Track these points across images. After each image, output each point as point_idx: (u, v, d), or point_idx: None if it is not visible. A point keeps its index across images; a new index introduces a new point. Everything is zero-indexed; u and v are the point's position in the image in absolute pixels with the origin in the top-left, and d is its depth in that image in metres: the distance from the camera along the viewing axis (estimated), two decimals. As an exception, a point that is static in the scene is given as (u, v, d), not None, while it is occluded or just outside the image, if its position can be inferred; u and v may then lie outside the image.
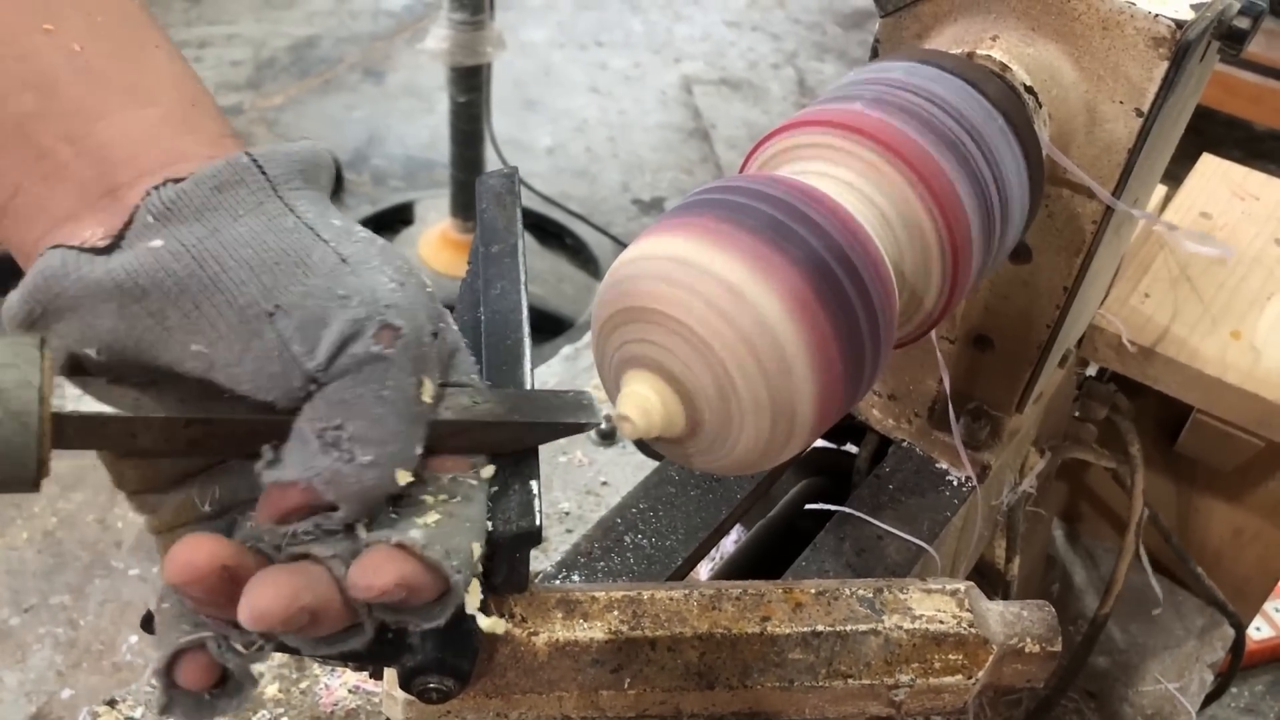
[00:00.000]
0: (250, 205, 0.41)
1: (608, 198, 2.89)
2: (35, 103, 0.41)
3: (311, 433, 0.40)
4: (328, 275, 0.41)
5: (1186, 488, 1.10)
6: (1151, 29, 0.61)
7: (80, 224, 0.41)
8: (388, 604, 0.42)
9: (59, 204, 0.41)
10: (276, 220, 0.41)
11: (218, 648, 0.42)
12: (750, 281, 0.45)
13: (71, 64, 0.42)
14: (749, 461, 0.48)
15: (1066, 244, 0.71)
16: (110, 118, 0.42)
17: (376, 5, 3.58)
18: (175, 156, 0.42)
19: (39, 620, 1.78)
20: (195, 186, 0.41)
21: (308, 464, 0.40)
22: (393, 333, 0.41)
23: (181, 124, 0.43)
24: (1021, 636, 0.61)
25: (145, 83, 0.43)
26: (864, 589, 0.61)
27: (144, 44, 0.45)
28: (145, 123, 0.42)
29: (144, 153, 0.42)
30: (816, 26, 3.75)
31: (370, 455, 0.41)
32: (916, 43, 0.68)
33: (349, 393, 0.40)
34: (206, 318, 0.39)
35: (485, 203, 0.60)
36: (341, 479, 0.40)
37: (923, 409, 0.83)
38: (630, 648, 0.57)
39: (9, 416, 0.36)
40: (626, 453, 1.14)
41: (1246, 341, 0.94)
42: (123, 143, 0.42)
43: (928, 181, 0.54)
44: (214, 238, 0.40)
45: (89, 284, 0.39)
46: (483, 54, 2.20)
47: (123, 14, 0.44)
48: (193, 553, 0.39)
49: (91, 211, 0.41)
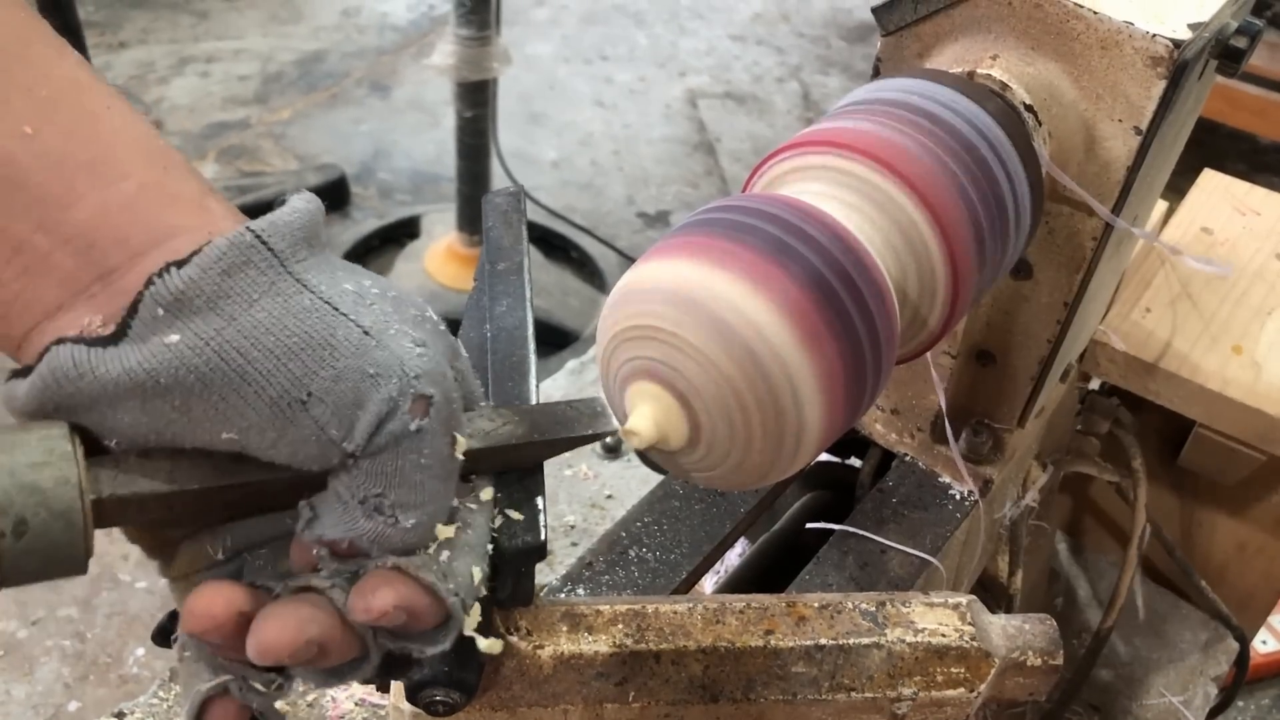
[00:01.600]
0: (263, 287, 0.40)
1: (613, 211, 2.90)
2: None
3: (353, 498, 0.41)
4: (354, 354, 0.40)
5: (1190, 502, 1.10)
6: (1149, 48, 0.62)
7: (73, 314, 0.40)
8: (391, 630, 0.42)
9: (45, 297, 0.40)
10: (293, 300, 0.40)
11: (239, 690, 0.43)
12: (753, 299, 0.46)
13: (28, 149, 0.39)
14: (752, 476, 0.49)
15: (1067, 260, 0.72)
16: (84, 200, 0.39)
17: (383, 20, 3.60)
18: (164, 232, 0.40)
19: (46, 633, 1.78)
20: (203, 274, 0.39)
21: (350, 526, 0.41)
22: (425, 403, 0.41)
23: (159, 193, 0.41)
24: (1023, 650, 0.61)
25: (109, 155, 0.41)
26: (866, 603, 0.62)
27: (96, 112, 0.41)
28: (122, 199, 0.40)
29: (130, 232, 0.40)
30: (821, 40, 3.77)
31: (413, 519, 0.42)
32: (917, 61, 0.69)
33: (389, 465, 0.41)
34: (235, 409, 0.39)
35: (491, 220, 0.61)
36: (386, 540, 0.42)
37: (925, 423, 0.84)
38: (635, 661, 0.57)
39: (54, 517, 0.36)
40: (631, 466, 1.14)
41: (1248, 356, 0.94)
42: (103, 225, 0.40)
43: (929, 200, 0.55)
44: (232, 327, 0.39)
45: (106, 384, 0.38)
46: (489, 69, 2.22)
47: (66, 82, 0.41)
48: (210, 604, 0.40)
49: (84, 300, 0.40)
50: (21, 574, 0.36)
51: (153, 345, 0.38)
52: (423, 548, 0.43)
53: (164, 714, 0.86)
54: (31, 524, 0.36)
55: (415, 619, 0.42)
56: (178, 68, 3.19)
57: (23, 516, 0.36)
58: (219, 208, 0.42)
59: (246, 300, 0.39)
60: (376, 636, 0.43)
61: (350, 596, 0.41)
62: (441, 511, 0.43)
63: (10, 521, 0.36)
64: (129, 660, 1.76)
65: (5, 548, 0.36)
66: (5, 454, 0.36)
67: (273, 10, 3.57)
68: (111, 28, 3.34)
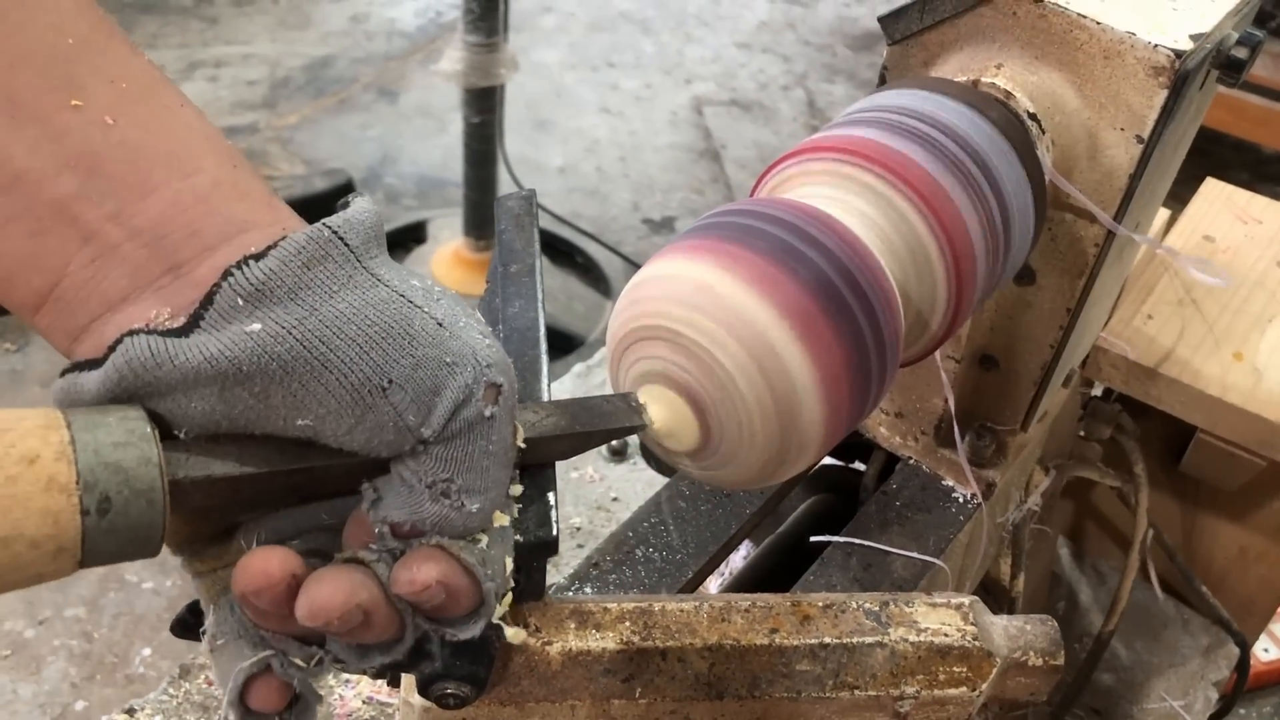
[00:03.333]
0: (341, 280, 0.41)
1: (618, 217, 2.91)
2: (76, 184, 0.39)
3: (419, 482, 0.42)
4: (432, 343, 0.41)
5: (1191, 507, 1.11)
6: (1151, 58, 0.63)
7: (140, 306, 0.40)
8: (428, 610, 0.43)
9: (112, 287, 0.40)
10: (370, 293, 0.41)
11: (280, 666, 0.44)
12: (758, 301, 0.47)
13: (107, 139, 0.40)
14: (758, 475, 0.50)
15: (1069, 266, 0.72)
16: (158, 191, 0.40)
17: (391, 26, 3.62)
18: (237, 226, 0.41)
19: (53, 633, 1.79)
20: (283, 266, 0.40)
21: (415, 509, 0.42)
22: (496, 390, 0.43)
23: (232, 189, 0.42)
24: (1024, 650, 0.62)
25: (184, 149, 0.42)
26: (870, 602, 0.62)
27: (171, 107, 0.42)
28: (195, 193, 0.41)
29: (203, 225, 0.41)
30: (827, 48, 3.78)
31: (477, 504, 0.43)
32: (923, 70, 0.70)
33: (460, 450, 0.42)
34: (315, 396, 0.40)
35: (504, 223, 0.62)
36: (449, 524, 0.43)
37: (929, 427, 0.85)
38: (641, 658, 0.58)
39: (136, 496, 0.37)
40: (637, 469, 1.15)
41: (1248, 363, 0.95)
42: (177, 218, 0.40)
43: (933, 206, 0.56)
44: (314, 317, 0.40)
45: (186, 372, 0.38)
46: (496, 76, 2.23)
47: (143, 77, 0.42)
48: (265, 562, 0.41)
49: (151, 291, 0.40)
50: (101, 553, 0.37)
51: (233, 333, 0.39)
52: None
53: (174, 710, 0.87)
54: (115, 502, 0.36)
55: (453, 599, 0.43)
56: (187, 72, 3.21)
57: (107, 494, 0.36)
58: (284, 207, 0.44)
59: (326, 292, 0.40)
60: (414, 617, 0.44)
61: (395, 569, 0.42)
62: (501, 498, 0.45)
63: (95, 499, 0.36)
64: (135, 660, 1.77)
65: (90, 525, 0.36)
66: (88, 433, 0.36)
67: (281, 16, 3.59)
68: (121, 32, 3.36)
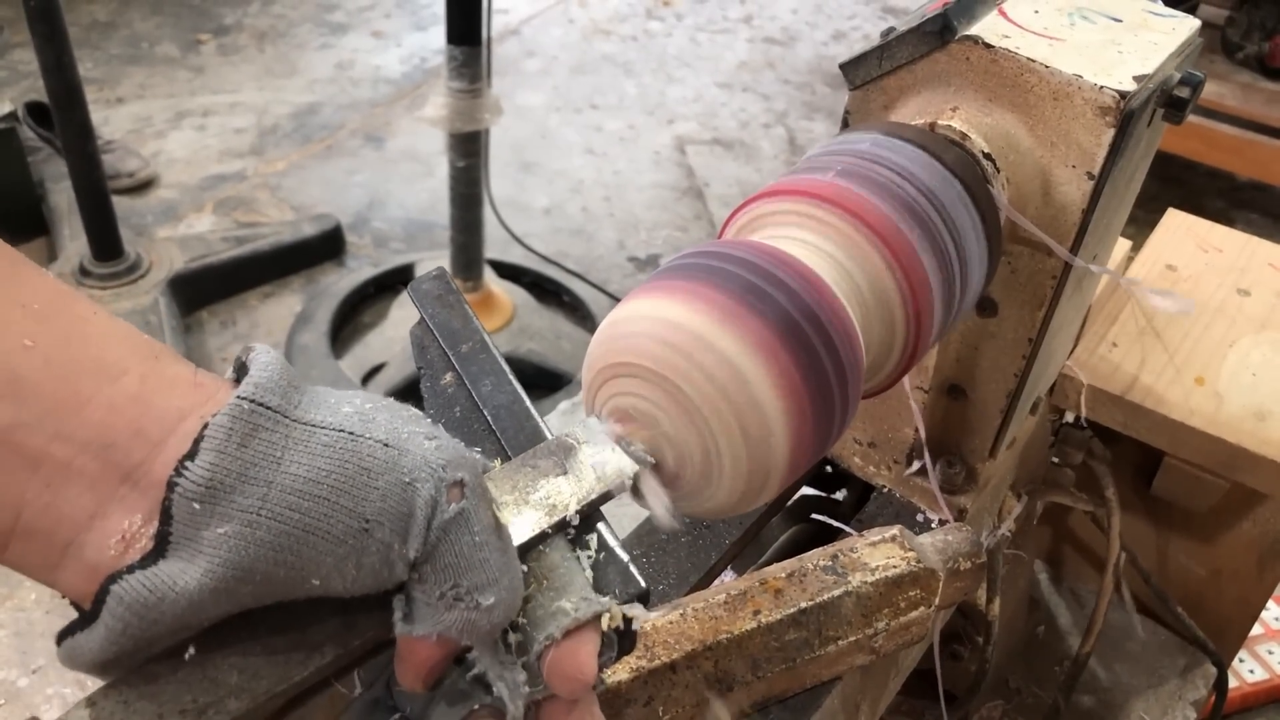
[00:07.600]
0: (279, 444, 0.41)
1: (604, 256, 2.95)
2: (10, 413, 0.39)
3: (432, 598, 0.43)
4: (386, 469, 0.41)
5: (1165, 529, 1.13)
6: (1098, 99, 0.66)
7: (110, 520, 0.40)
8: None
9: (73, 507, 0.40)
10: (313, 443, 0.41)
11: None
12: (724, 337, 0.49)
13: (30, 362, 0.39)
14: (727, 504, 0.53)
15: (1029, 298, 0.75)
16: (92, 401, 0.40)
17: (376, 73, 3.67)
18: (175, 415, 0.41)
19: (47, 681, 1.80)
20: (220, 455, 0.39)
21: (437, 619, 0.43)
22: (460, 487, 0.43)
23: (160, 380, 0.42)
24: (954, 557, 0.69)
25: (106, 354, 0.42)
26: (822, 559, 0.68)
27: (85, 316, 0.42)
28: (127, 393, 0.41)
29: (144, 423, 0.41)
30: (806, 86, 3.84)
31: (491, 598, 0.43)
32: (883, 114, 0.73)
33: (450, 556, 0.43)
34: (310, 561, 0.40)
35: (430, 309, 0.59)
36: (473, 626, 0.43)
37: (901, 456, 0.87)
38: (654, 678, 0.61)
39: None
40: (619, 503, 1.17)
41: (1210, 387, 0.98)
42: (117, 422, 0.40)
43: (891, 246, 0.58)
44: (273, 491, 0.40)
45: (192, 599, 0.39)
46: (481, 120, 2.26)
47: (52, 294, 0.42)
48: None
49: (115, 503, 0.40)
50: None
51: (210, 540, 0.39)
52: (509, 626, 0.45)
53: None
54: None
55: None
56: (175, 121, 3.25)
57: None
58: (210, 382, 0.44)
59: (272, 460, 0.40)
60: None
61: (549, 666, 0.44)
62: (515, 582, 0.44)
63: None
64: (129, 706, 1.77)
65: None
66: None
67: (268, 64, 3.64)
68: (110, 83, 3.41)
